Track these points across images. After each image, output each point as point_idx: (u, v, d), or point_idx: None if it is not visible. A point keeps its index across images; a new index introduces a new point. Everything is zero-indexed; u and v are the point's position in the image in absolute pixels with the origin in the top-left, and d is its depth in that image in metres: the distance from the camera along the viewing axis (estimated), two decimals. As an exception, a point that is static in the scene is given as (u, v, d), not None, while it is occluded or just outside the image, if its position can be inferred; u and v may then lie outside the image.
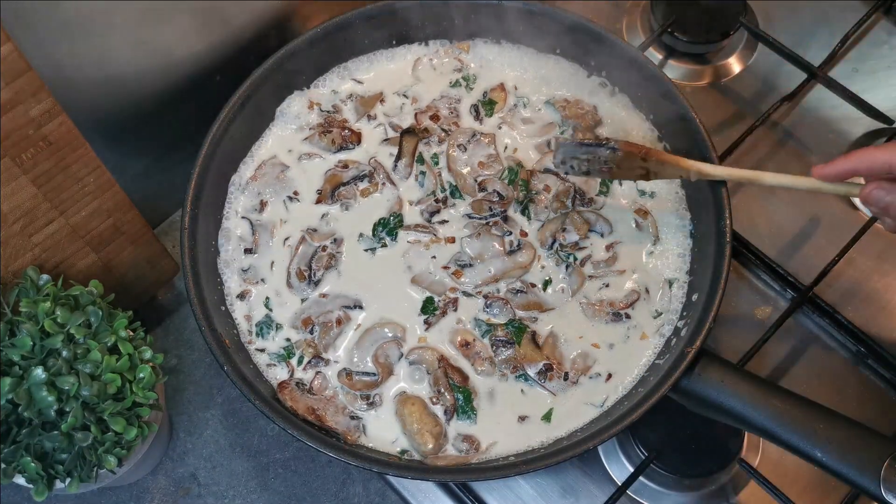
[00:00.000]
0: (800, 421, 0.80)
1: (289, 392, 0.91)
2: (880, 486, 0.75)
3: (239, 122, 1.02)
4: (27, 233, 0.88)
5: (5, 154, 0.82)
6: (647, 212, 1.01)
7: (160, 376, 0.90)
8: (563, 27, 1.06)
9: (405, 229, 1.00)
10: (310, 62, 1.08)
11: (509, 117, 1.08)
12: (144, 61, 0.99)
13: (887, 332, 1.05)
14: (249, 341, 0.95)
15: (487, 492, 0.98)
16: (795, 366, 1.05)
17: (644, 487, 0.97)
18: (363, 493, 1.01)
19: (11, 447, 0.79)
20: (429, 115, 1.07)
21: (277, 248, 1.00)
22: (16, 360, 0.80)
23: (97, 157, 0.90)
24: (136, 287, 1.05)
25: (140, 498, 1.01)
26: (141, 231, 1.00)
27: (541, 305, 0.97)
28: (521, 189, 1.02)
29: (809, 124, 1.20)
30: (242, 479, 1.02)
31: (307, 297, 0.97)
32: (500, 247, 0.99)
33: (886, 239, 1.11)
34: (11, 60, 0.77)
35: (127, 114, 1.02)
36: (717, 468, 0.95)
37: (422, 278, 0.98)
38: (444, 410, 0.91)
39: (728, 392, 0.83)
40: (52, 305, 0.84)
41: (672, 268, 0.98)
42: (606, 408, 0.91)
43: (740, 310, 1.08)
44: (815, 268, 1.04)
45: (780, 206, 1.14)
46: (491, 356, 0.94)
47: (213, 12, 1.02)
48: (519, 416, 0.91)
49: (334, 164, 1.04)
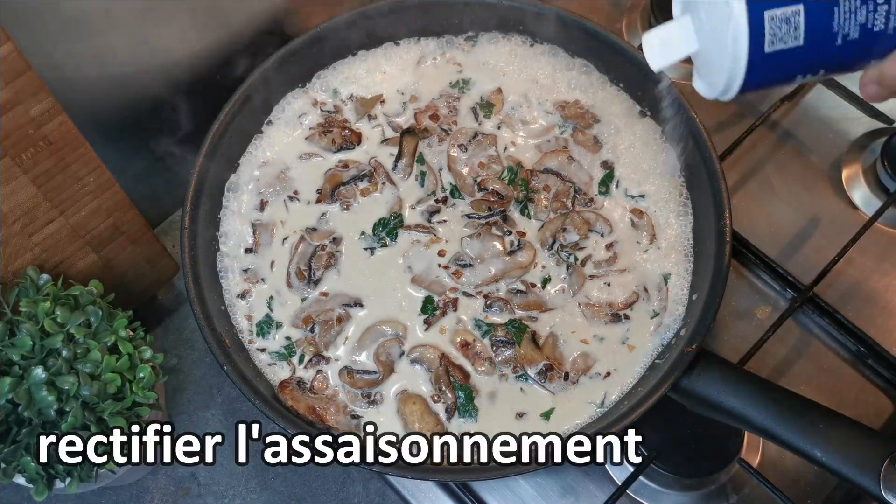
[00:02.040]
0: (800, 421, 0.80)
1: (289, 391, 0.91)
2: (880, 486, 0.75)
3: (239, 122, 1.02)
4: (27, 232, 0.88)
5: (5, 154, 0.82)
6: (642, 212, 1.01)
7: (160, 376, 0.90)
8: (561, 27, 1.06)
9: (405, 229, 1.01)
10: (310, 62, 1.08)
11: (508, 118, 1.08)
12: (144, 61, 0.99)
13: (887, 332, 1.05)
14: (250, 341, 0.95)
15: (487, 492, 0.98)
16: (795, 366, 1.05)
17: (644, 487, 0.97)
18: (363, 492, 1.01)
19: (11, 447, 0.79)
20: (428, 114, 1.07)
21: (277, 248, 1.00)
22: (16, 360, 0.80)
23: (97, 157, 0.90)
24: (136, 287, 1.05)
25: (140, 498, 1.01)
26: (141, 231, 1.00)
27: (541, 305, 0.97)
28: (521, 189, 1.02)
29: (809, 124, 1.20)
30: (242, 479, 1.02)
31: (307, 297, 0.97)
32: (500, 247, 0.99)
33: (886, 239, 1.11)
34: (11, 60, 0.77)
35: (127, 114, 1.03)
36: (717, 468, 0.95)
37: (422, 278, 0.98)
38: (446, 409, 0.91)
39: (728, 392, 0.83)
40: (52, 305, 0.84)
41: (672, 268, 0.98)
42: (606, 407, 0.91)
43: (740, 310, 1.08)
44: (815, 268, 1.04)
45: (780, 206, 1.14)
46: (491, 356, 0.94)
47: (213, 12, 1.02)
48: (517, 413, 0.91)
49: (334, 164, 1.05)
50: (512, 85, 1.09)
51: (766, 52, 0.57)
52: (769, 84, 0.62)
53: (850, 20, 0.57)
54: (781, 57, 0.58)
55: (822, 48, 0.58)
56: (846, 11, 0.57)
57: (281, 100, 1.07)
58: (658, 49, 0.65)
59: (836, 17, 0.57)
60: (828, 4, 0.57)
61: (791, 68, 0.60)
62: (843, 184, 1.16)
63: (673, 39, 0.64)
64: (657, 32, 0.65)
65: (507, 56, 1.11)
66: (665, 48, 0.65)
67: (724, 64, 0.59)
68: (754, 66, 0.58)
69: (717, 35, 0.59)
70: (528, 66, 1.10)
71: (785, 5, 0.56)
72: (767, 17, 0.56)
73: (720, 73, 0.60)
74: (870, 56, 0.61)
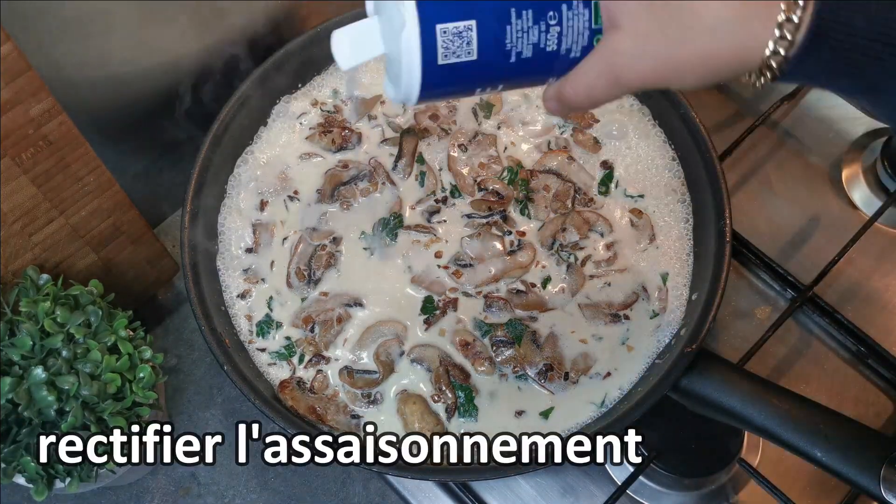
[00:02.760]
0: (800, 420, 0.80)
1: (290, 391, 0.91)
2: (880, 486, 0.75)
3: (238, 122, 1.02)
4: (27, 232, 0.88)
5: (5, 154, 0.82)
6: (642, 212, 1.01)
7: (160, 376, 0.90)
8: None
9: (405, 229, 1.01)
10: (309, 62, 1.08)
11: (508, 119, 1.08)
12: (144, 61, 0.99)
13: (887, 332, 1.05)
14: (250, 341, 0.95)
15: (487, 491, 0.98)
16: (795, 366, 1.05)
17: (644, 487, 0.97)
18: (363, 492, 1.01)
19: (11, 447, 0.79)
20: (428, 114, 1.07)
21: (277, 248, 1.00)
22: (16, 360, 0.80)
23: (97, 157, 0.90)
24: (136, 287, 1.05)
25: (140, 498, 1.01)
26: (141, 231, 1.00)
27: (541, 305, 0.97)
28: (521, 189, 1.02)
29: (809, 124, 1.20)
30: (242, 478, 1.02)
31: (307, 297, 0.97)
32: (500, 247, 0.99)
33: (886, 239, 1.11)
34: (11, 60, 0.77)
35: (127, 114, 1.03)
36: (717, 468, 0.95)
37: (422, 278, 0.98)
38: (446, 409, 0.91)
39: (728, 392, 0.83)
40: (52, 305, 0.84)
41: (671, 268, 0.98)
42: (606, 407, 0.91)
43: (740, 310, 1.08)
44: (815, 268, 1.04)
45: (780, 206, 1.14)
46: (491, 356, 0.94)
47: (213, 12, 1.02)
48: (517, 413, 0.91)
49: (334, 164, 1.05)
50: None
51: (439, 63, 0.57)
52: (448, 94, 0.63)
53: (522, 39, 0.57)
54: (456, 70, 0.57)
55: (496, 64, 0.58)
56: (519, 30, 0.57)
57: (281, 100, 1.07)
58: (347, 48, 0.64)
59: (509, 35, 0.57)
60: (500, 22, 0.56)
61: (468, 81, 0.59)
62: (843, 184, 1.16)
63: (362, 40, 0.63)
64: (347, 31, 0.63)
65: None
66: (354, 48, 0.64)
67: (402, 71, 0.59)
68: (429, 75, 0.57)
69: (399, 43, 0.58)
70: (528, 66, 1.10)
71: (457, 20, 0.56)
72: (439, 30, 0.56)
73: (400, 79, 0.60)
74: (549, 73, 0.61)
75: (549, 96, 0.63)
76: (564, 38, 0.58)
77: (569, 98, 0.61)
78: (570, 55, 0.60)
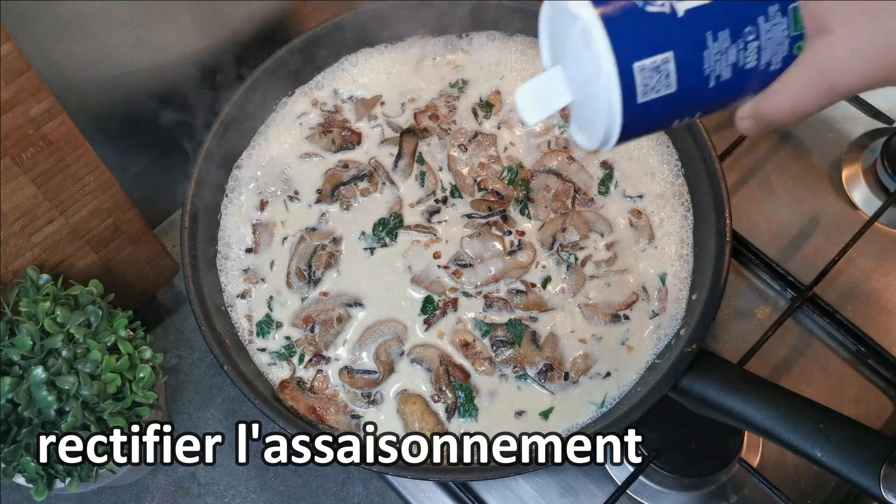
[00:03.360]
0: (800, 420, 0.79)
1: (290, 391, 0.91)
2: (880, 485, 0.75)
3: (239, 122, 1.02)
4: (27, 232, 0.88)
5: (5, 154, 0.82)
6: (641, 212, 1.01)
7: (160, 376, 0.90)
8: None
9: (405, 229, 1.01)
10: (309, 62, 1.08)
11: (508, 119, 1.08)
12: (144, 61, 0.99)
13: (887, 332, 1.05)
14: (250, 341, 0.95)
15: (487, 492, 0.98)
16: (795, 366, 1.05)
17: (644, 487, 0.97)
18: (363, 492, 1.01)
19: (11, 447, 0.79)
20: (428, 114, 1.07)
21: (277, 248, 1.00)
22: (16, 360, 0.80)
23: (97, 157, 0.90)
24: (136, 287, 1.05)
25: (140, 498, 1.01)
26: (141, 231, 1.00)
27: (541, 305, 0.97)
28: (521, 189, 1.02)
29: (809, 124, 1.20)
30: (242, 478, 1.02)
31: (307, 297, 0.97)
32: (500, 247, 0.99)
33: (886, 239, 1.11)
34: (11, 60, 0.77)
35: (127, 114, 1.03)
36: (717, 468, 0.95)
37: (422, 278, 0.98)
38: (446, 409, 0.91)
39: (728, 392, 0.83)
40: (52, 305, 0.84)
41: (671, 268, 0.98)
42: (606, 407, 0.91)
43: (740, 310, 1.08)
44: (815, 268, 1.04)
45: (780, 206, 1.14)
46: (491, 356, 0.94)
47: (213, 12, 1.02)
48: (517, 413, 0.91)
49: (334, 164, 1.05)
50: (511, 85, 1.09)
51: (639, 102, 0.55)
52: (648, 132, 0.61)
53: (721, 62, 0.55)
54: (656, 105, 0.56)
55: (695, 92, 0.56)
56: (716, 53, 0.55)
57: (281, 100, 1.07)
58: (532, 104, 0.62)
59: (707, 60, 0.55)
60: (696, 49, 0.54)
61: (668, 114, 0.58)
62: (843, 184, 1.16)
63: (547, 92, 0.61)
64: (530, 87, 0.62)
65: (507, 57, 1.11)
66: (540, 102, 0.62)
67: (599, 116, 0.57)
68: (629, 117, 0.56)
69: (590, 88, 0.56)
70: (527, 67, 1.10)
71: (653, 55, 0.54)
72: (637, 69, 0.54)
73: (597, 125, 0.58)
74: (744, 93, 0.59)
75: (745, 115, 0.60)
76: (764, 52, 0.56)
77: (769, 115, 0.58)
78: (771, 68, 0.57)
